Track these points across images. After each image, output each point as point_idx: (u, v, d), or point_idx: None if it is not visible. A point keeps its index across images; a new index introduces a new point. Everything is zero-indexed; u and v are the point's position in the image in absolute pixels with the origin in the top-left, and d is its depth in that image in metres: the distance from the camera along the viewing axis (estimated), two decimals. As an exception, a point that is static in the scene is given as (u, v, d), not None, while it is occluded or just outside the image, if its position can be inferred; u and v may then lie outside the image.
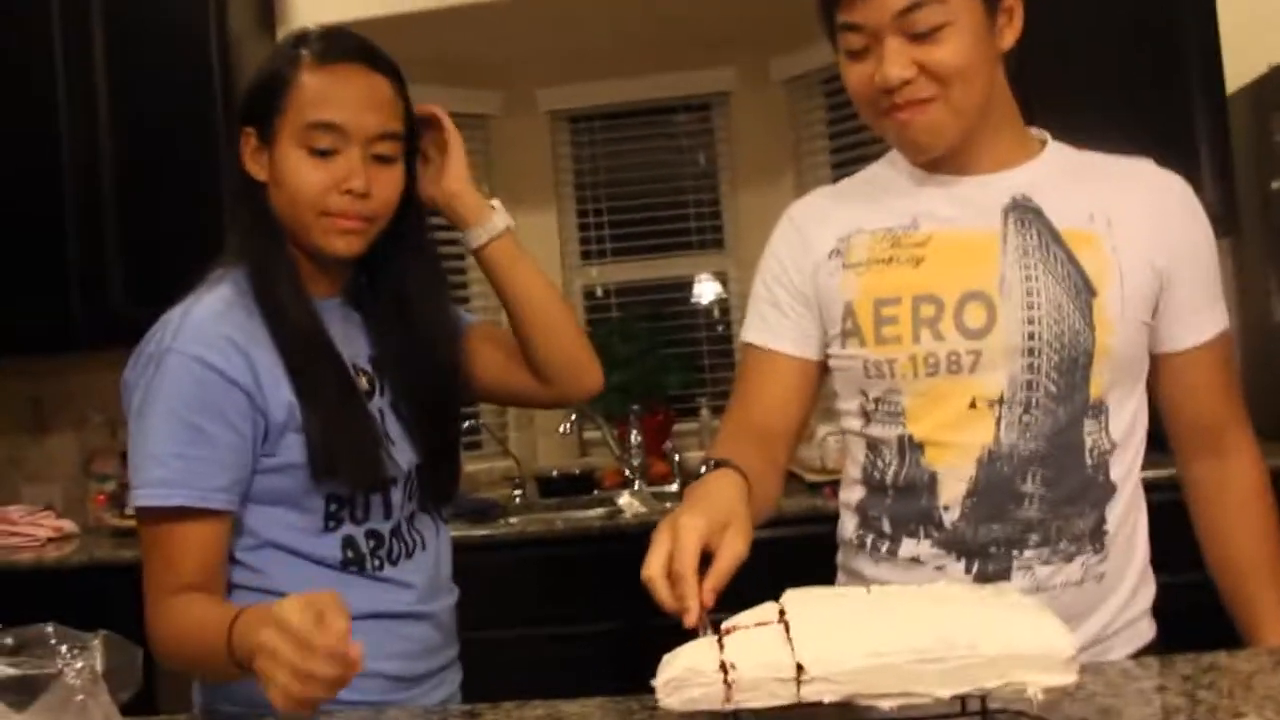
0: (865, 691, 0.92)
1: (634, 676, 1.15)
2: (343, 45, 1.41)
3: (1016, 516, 1.32)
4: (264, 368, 1.35)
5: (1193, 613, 1.40)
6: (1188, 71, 3.08)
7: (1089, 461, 1.34)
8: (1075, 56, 3.03)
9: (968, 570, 1.33)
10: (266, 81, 1.40)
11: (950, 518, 1.34)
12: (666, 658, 0.98)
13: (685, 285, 4.01)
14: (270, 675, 1.08)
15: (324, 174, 1.37)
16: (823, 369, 1.47)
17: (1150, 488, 1.41)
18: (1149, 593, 1.41)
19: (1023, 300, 1.32)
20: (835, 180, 1.57)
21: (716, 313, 4.01)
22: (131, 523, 3.30)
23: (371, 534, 1.43)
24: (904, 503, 1.37)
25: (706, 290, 4.00)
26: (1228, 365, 1.44)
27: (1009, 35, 1.35)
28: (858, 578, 1.42)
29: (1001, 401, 1.32)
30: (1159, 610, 1.41)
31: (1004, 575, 1.31)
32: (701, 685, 0.93)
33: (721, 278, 3.99)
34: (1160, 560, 1.42)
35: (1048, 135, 1.45)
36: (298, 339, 1.38)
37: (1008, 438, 1.32)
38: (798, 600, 1.03)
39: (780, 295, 1.48)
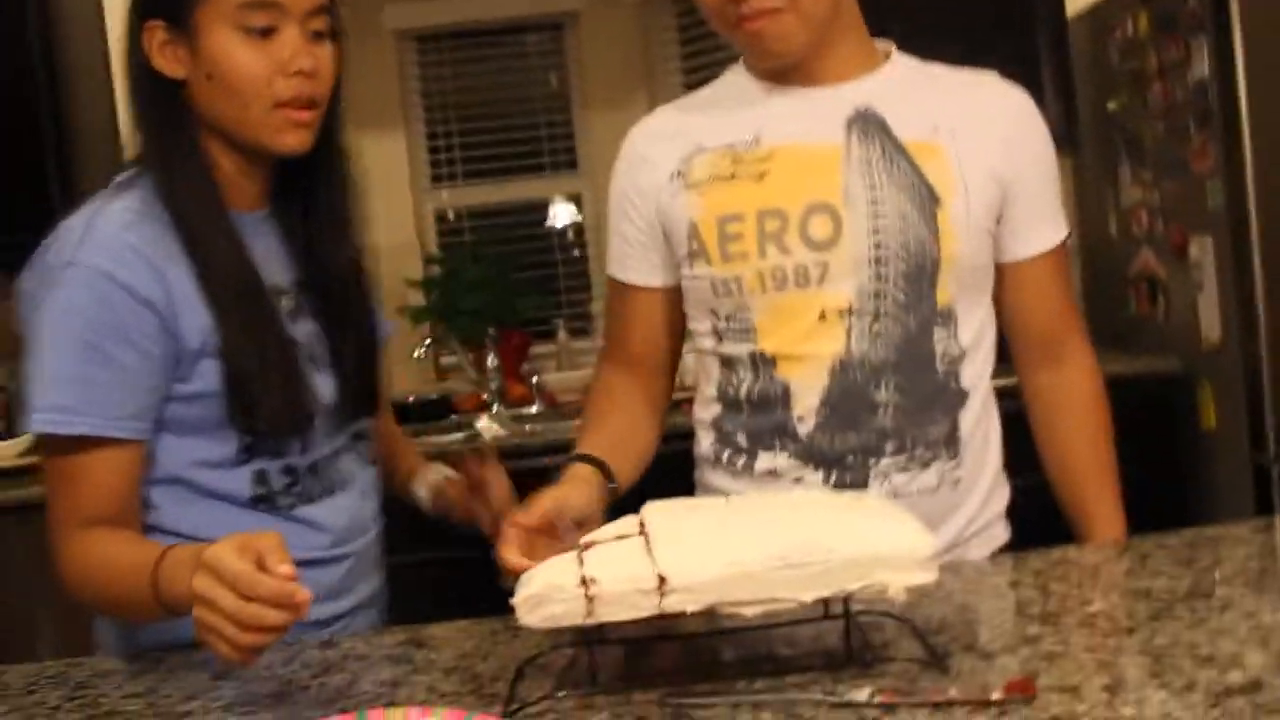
0: (727, 599, 0.91)
1: (498, 600, 1.12)
2: None
3: (871, 425, 1.33)
4: (177, 287, 1.23)
5: (1044, 515, 1.44)
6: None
7: (940, 368, 1.35)
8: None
9: (825, 481, 1.34)
10: None
11: (805, 429, 1.34)
12: (524, 575, 0.96)
13: (539, 208, 3.95)
14: (210, 624, 1.00)
15: (265, 56, 1.23)
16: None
17: (1001, 395, 1.44)
18: (1003, 496, 1.45)
19: (868, 210, 1.32)
20: (688, 100, 1.54)
21: (571, 235, 3.96)
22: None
23: (287, 469, 1.32)
24: (759, 417, 1.37)
25: (561, 213, 3.95)
26: (1065, 276, 1.46)
27: None
28: (717, 493, 1.42)
29: (851, 312, 1.33)
30: (1012, 513, 1.45)
31: (861, 484, 1.33)
32: (562, 601, 0.91)
33: (576, 199, 3.94)
34: (1013, 465, 1.46)
35: (892, 46, 1.44)
36: (213, 254, 1.25)
37: (859, 347, 1.32)
38: (657, 512, 1.02)
39: (628, 229, 1.46)
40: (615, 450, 1.37)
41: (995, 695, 0.89)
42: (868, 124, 1.35)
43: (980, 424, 1.39)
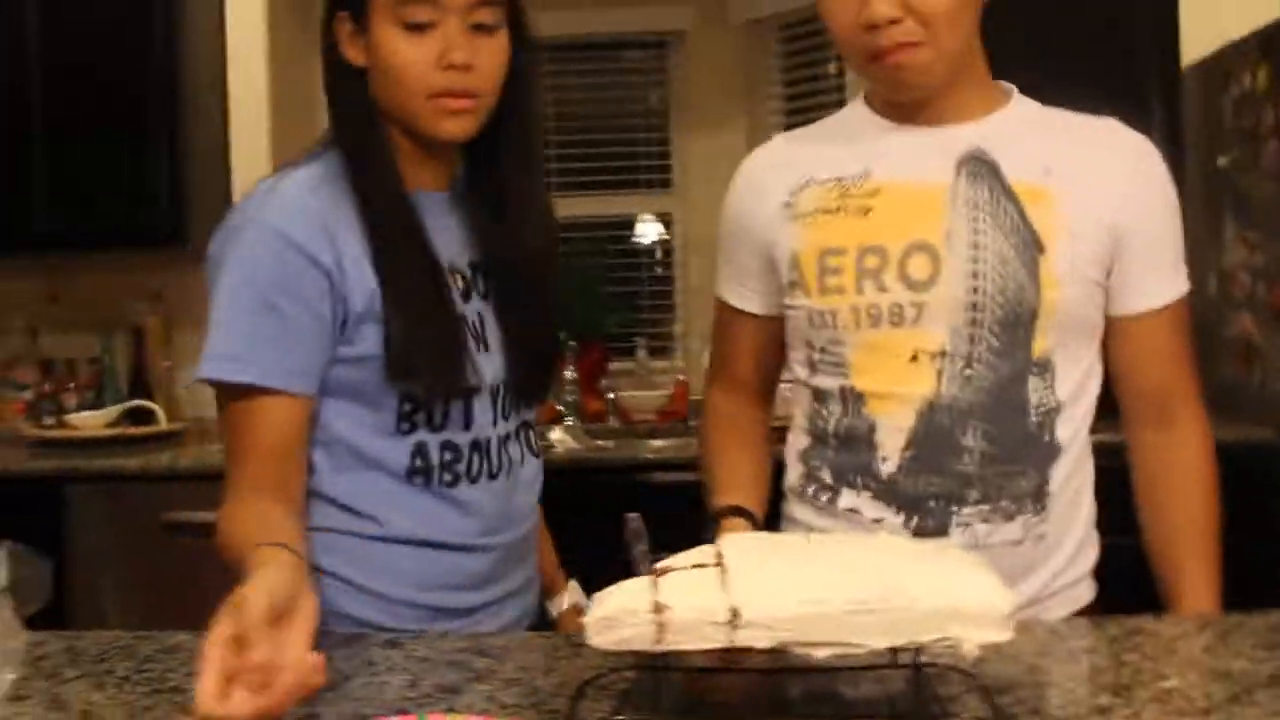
0: (799, 639, 0.90)
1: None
2: None
3: (955, 470, 1.32)
4: (349, 250, 1.28)
5: (1136, 575, 1.40)
6: (1145, 43, 3.08)
7: (1032, 418, 1.33)
8: (1034, 21, 3.02)
9: (906, 525, 1.33)
10: None
11: (888, 469, 1.33)
12: (598, 596, 0.96)
13: (628, 224, 3.97)
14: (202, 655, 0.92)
15: (422, 50, 1.28)
16: None
17: (1101, 451, 1.41)
18: (1091, 556, 1.41)
19: (968, 254, 1.31)
20: (787, 127, 1.55)
21: (659, 254, 3.97)
22: (49, 433, 3.24)
23: (448, 445, 1.34)
24: (845, 454, 1.37)
25: (649, 231, 3.96)
26: (1182, 334, 1.41)
27: None
28: (801, 527, 1.41)
29: (943, 355, 1.31)
30: (1102, 571, 1.42)
31: (942, 531, 1.31)
32: (633, 625, 0.91)
33: (665, 219, 3.95)
34: (1108, 521, 1.42)
35: (1014, 89, 1.42)
36: (386, 225, 1.30)
37: (949, 390, 1.31)
38: (736, 544, 1.01)
39: (738, 254, 1.47)
40: (752, 490, 1.42)
41: (1064, 763, 0.87)
42: (979, 166, 1.34)
43: (1072, 479, 1.36)
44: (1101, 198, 1.33)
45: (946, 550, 1.02)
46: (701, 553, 1.00)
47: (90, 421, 3.26)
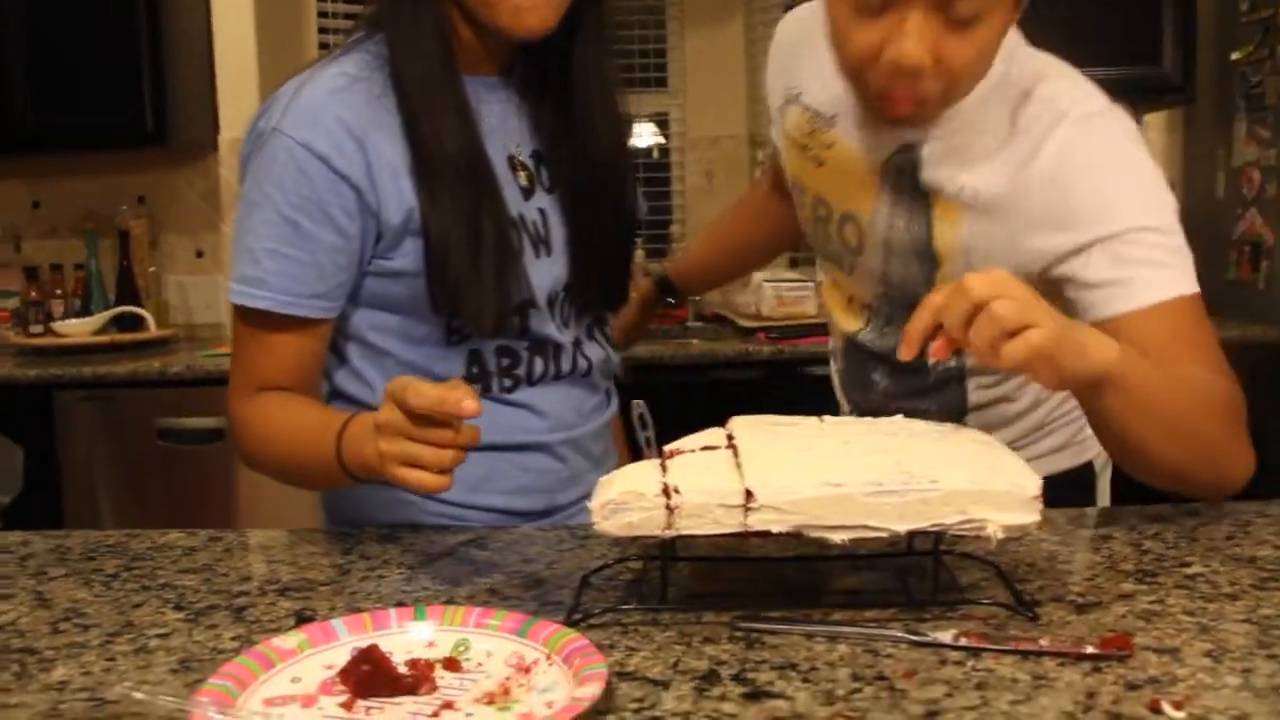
0: (816, 523, 0.86)
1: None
2: None
3: (870, 396, 1.45)
4: (381, 159, 1.16)
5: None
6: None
7: (931, 376, 1.38)
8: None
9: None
10: None
11: (836, 367, 1.54)
12: (603, 480, 0.91)
13: (625, 125, 3.87)
14: (400, 453, 0.97)
15: None
16: None
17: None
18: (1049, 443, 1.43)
19: (881, 248, 1.29)
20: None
21: (655, 154, 3.88)
22: (37, 340, 3.19)
23: (504, 350, 1.25)
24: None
25: (644, 131, 3.87)
26: (1182, 336, 1.12)
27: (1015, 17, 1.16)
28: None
29: (869, 307, 1.40)
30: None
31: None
32: (642, 509, 0.86)
33: (662, 119, 3.85)
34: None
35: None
36: (434, 132, 1.16)
37: (867, 336, 1.41)
38: (747, 426, 0.97)
39: (770, 99, 1.48)
40: (700, 262, 1.75)
41: (1089, 649, 0.83)
42: (905, 164, 1.24)
43: (998, 411, 1.39)
44: (1020, 221, 1.17)
45: (963, 431, 0.98)
46: (711, 435, 0.96)
47: (78, 329, 3.21)
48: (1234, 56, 2.98)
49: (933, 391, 1.38)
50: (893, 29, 1.08)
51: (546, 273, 1.26)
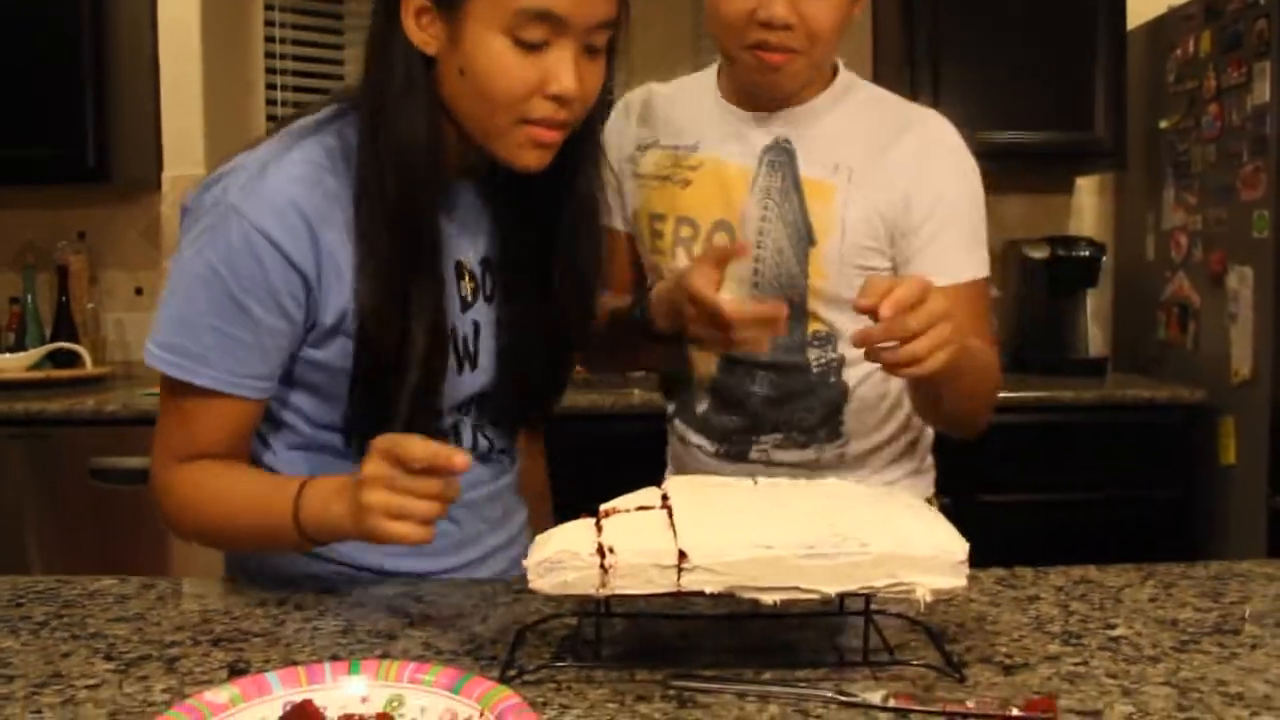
0: (748, 584, 0.87)
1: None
2: None
3: (747, 409, 1.50)
4: (330, 258, 1.14)
5: (1076, 531, 1.39)
6: (1093, 3, 3.08)
7: (814, 372, 1.48)
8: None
9: (716, 451, 1.53)
10: None
11: (700, 407, 1.55)
12: (539, 538, 0.92)
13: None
14: (385, 504, 1.01)
15: (530, 70, 1.10)
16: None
17: (1033, 408, 1.41)
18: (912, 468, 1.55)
19: (754, 240, 1.42)
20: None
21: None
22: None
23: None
24: (677, 391, 1.60)
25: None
26: (976, 315, 1.41)
27: (858, 8, 1.40)
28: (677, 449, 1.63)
29: None
30: (1038, 526, 1.43)
31: (742, 457, 1.52)
32: (576, 569, 0.87)
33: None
34: (1041, 477, 1.42)
35: (841, 66, 1.49)
36: (398, 249, 1.14)
37: (740, 349, 1.38)
38: (682, 487, 0.98)
39: (610, 178, 1.53)
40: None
41: (1014, 712, 0.85)
42: (780, 155, 1.44)
43: (876, 407, 1.49)
44: (883, 192, 1.41)
45: (895, 495, 1.00)
46: (647, 494, 0.97)
47: (11, 364, 3.16)
48: (1162, 125, 3.07)
49: (814, 390, 1.48)
50: None
51: (465, 384, 1.26)
